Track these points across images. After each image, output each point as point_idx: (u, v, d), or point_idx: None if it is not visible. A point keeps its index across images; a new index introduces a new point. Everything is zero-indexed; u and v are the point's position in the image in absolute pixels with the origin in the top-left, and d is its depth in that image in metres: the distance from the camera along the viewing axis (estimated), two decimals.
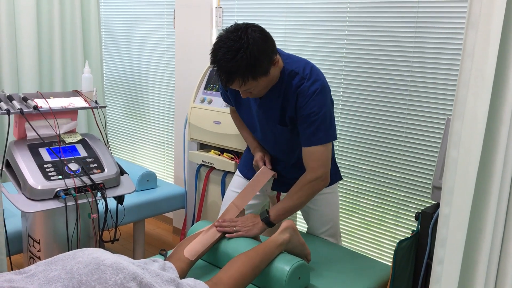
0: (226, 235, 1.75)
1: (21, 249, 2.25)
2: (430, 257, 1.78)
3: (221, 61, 1.59)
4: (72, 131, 2.27)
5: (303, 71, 1.73)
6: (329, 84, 1.83)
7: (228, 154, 2.53)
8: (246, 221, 1.80)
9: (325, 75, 1.81)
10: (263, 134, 1.92)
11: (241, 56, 1.56)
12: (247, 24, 1.63)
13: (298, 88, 1.72)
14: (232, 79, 1.62)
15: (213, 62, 1.63)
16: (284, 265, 1.62)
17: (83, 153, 2.18)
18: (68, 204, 1.98)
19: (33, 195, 1.96)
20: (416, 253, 1.82)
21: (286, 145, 1.87)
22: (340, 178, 2.07)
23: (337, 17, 2.44)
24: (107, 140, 2.44)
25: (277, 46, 1.85)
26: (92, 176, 2.07)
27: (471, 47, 1.07)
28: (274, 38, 1.69)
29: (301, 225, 2.51)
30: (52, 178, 2.01)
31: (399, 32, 2.23)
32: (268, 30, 1.59)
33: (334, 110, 2.44)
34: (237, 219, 1.81)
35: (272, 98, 1.78)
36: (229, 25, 1.64)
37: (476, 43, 1.06)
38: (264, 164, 1.95)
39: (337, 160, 2.10)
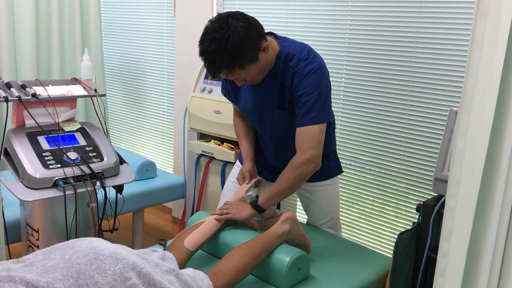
0: (214, 217, 1.75)
1: (19, 238, 2.24)
2: (431, 249, 1.77)
3: (206, 53, 1.61)
4: (71, 120, 2.25)
5: (300, 52, 1.73)
6: (331, 75, 1.81)
7: (228, 144, 2.51)
8: (237, 205, 1.80)
9: (327, 65, 1.78)
10: (262, 123, 1.90)
11: (224, 46, 1.57)
12: (230, 13, 1.62)
13: (294, 68, 1.71)
14: (218, 69, 1.63)
15: (200, 54, 1.64)
16: (284, 256, 1.61)
17: (82, 141, 2.16)
18: (67, 193, 1.97)
19: (32, 183, 1.95)
20: (416, 245, 1.82)
21: (285, 131, 1.85)
22: (341, 172, 2.06)
23: (340, 5, 2.41)
24: (107, 129, 2.43)
25: (279, 35, 1.83)
26: (91, 165, 2.06)
27: (480, 36, 1.05)
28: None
29: (301, 216, 2.50)
30: (50, 166, 1.99)
31: (402, 22, 2.21)
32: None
33: (335, 101, 2.46)
34: (231, 202, 1.83)
35: (270, 83, 1.77)
36: None
37: (485, 32, 1.04)
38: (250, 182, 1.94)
39: (337, 151, 2.08)
